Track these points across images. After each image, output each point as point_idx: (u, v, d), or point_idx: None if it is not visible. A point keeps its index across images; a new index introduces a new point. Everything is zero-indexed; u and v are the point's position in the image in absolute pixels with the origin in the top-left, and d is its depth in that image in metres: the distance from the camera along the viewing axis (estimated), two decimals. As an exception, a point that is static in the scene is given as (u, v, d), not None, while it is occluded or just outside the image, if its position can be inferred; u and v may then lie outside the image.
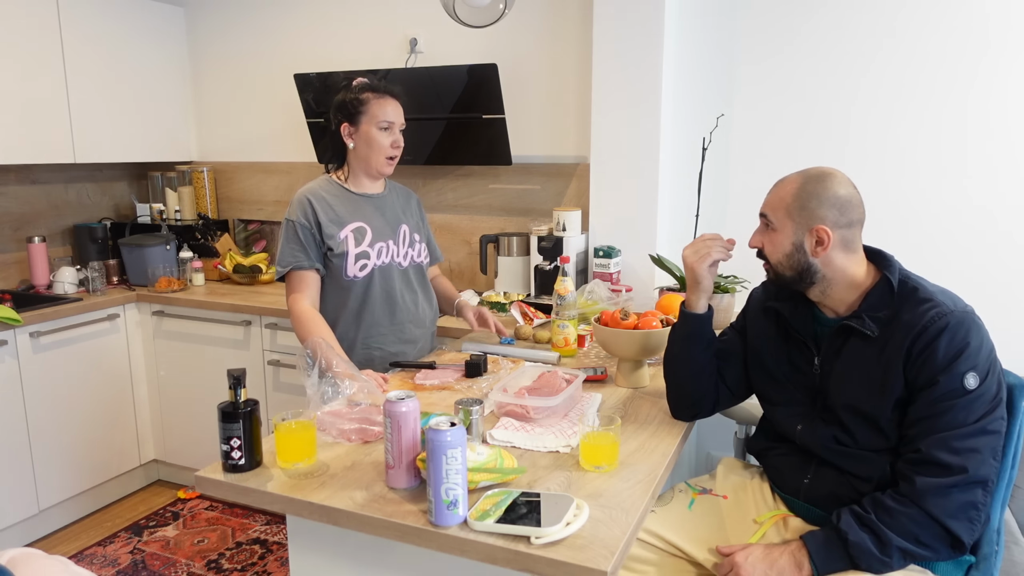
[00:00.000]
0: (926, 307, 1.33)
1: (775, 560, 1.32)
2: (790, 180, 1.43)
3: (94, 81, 3.13)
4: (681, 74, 2.63)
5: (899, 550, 1.26)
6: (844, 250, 1.40)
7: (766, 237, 1.46)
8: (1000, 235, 2.33)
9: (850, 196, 1.40)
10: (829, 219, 1.38)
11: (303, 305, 1.95)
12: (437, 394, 1.77)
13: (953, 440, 1.27)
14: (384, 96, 1.99)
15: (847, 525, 1.29)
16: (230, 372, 1.33)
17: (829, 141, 2.50)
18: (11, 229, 3.22)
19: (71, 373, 2.91)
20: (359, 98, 1.97)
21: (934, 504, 1.26)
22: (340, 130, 2.00)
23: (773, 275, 1.48)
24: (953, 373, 1.28)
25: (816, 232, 1.38)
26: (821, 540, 1.31)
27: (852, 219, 1.40)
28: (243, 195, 3.62)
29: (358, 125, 1.98)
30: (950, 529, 1.26)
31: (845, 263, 1.41)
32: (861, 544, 1.27)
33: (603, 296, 2.31)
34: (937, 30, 2.31)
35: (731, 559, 1.36)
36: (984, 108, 2.29)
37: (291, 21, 3.33)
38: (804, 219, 1.39)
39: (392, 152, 2.01)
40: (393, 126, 2.00)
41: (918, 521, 1.26)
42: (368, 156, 2.00)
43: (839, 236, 1.39)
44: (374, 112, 1.97)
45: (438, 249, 2.33)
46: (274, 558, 2.68)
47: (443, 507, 1.15)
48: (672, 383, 1.63)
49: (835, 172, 1.42)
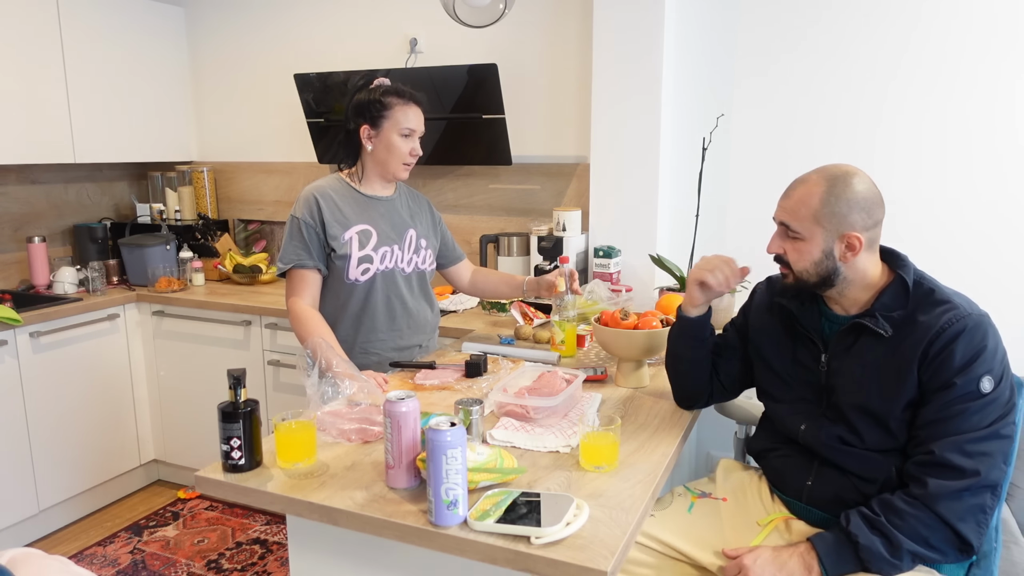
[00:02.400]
0: (943, 309, 1.32)
1: (784, 562, 1.31)
2: (812, 183, 1.38)
3: (94, 81, 3.13)
4: (681, 74, 2.63)
5: (909, 553, 1.26)
6: (868, 251, 1.38)
7: (789, 245, 1.42)
8: (1007, 234, 2.33)
9: (874, 195, 1.37)
10: (859, 223, 1.35)
11: (303, 305, 1.94)
12: (437, 394, 1.77)
13: (966, 443, 1.26)
14: (410, 103, 1.96)
15: (857, 528, 1.28)
16: (230, 372, 1.33)
17: (829, 141, 2.50)
18: (11, 229, 3.22)
19: (71, 373, 2.91)
20: (383, 101, 1.93)
21: (945, 507, 1.25)
22: (359, 131, 1.96)
23: (793, 280, 1.44)
24: (969, 376, 1.28)
25: (847, 239, 1.35)
26: (831, 543, 1.30)
27: (877, 218, 1.37)
28: (243, 195, 3.62)
29: (379, 129, 1.94)
30: (960, 532, 1.25)
31: (866, 264, 1.39)
32: (872, 547, 1.26)
33: (603, 296, 2.31)
34: (940, 29, 2.31)
35: (739, 561, 1.35)
36: (988, 105, 2.29)
37: (291, 21, 3.32)
38: (834, 225, 1.35)
39: (409, 159, 1.98)
40: (414, 133, 1.97)
41: (928, 524, 1.26)
42: (386, 161, 1.97)
43: (867, 238, 1.36)
44: (398, 118, 1.93)
45: (458, 247, 2.27)
46: (274, 558, 2.68)
47: (443, 507, 1.14)
48: (670, 375, 1.72)
49: (855, 169, 1.38)
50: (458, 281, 2.28)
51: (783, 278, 1.48)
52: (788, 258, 1.43)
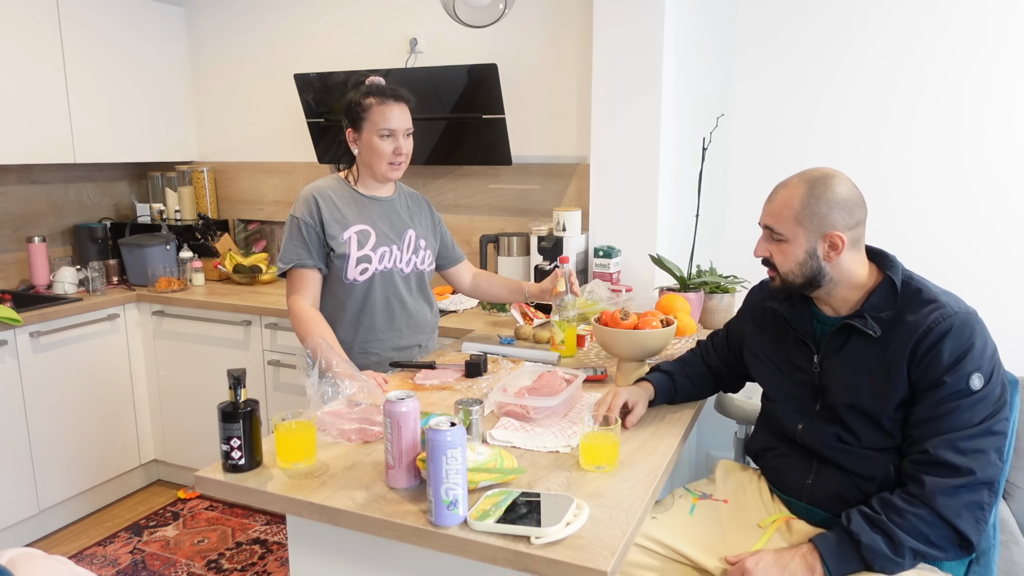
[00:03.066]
0: (930, 308, 1.34)
1: (787, 564, 1.31)
2: (792, 186, 1.41)
3: (94, 81, 3.13)
4: (681, 74, 2.63)
5: (911, 550, 1.26)
6: (852, 251, 1.40)
7: (774, 247, 1.45)
8: (1000, 233, 2.33)
9: (853, 195, 1.40)
10: (840, 223, 1.38)
11: (303, 304, 1.94)
12: (437, 394, 1.77)
13: (959, 441, 1.28)
14: (387, 102, 1.92)
15: (858, 527, 1.29)
16: (230, 372, 1.33)
17: (829, 141, 2.50)
18: (11, 229, 3.22)
19: (71, 373, 2.91)
20: (362, 103, 1.92)
21: (943, 504, 1.26)
22: (346, 134, 1.97)
23: (780, 282, 1.46)
24: (959, 374, 1.29)
25: (829, 238, 1.38)
26: (833, 542, 1.31)
27: (859, 218, 1.40)
28: (243, 195, 3.62)
29: (360, 132, 1.94)
30: (959, 529, 1.26)
31: (852, 264, 1.41)
32: (874, 546, 1.26)
33: (603, 296, 2.30)
34: (940, 29, 2.31)
35: (741, 565, 1.35)
36: (986, 106, 2.29)
37: (291, 21, 3.33)
38: (816, 225, 1.38)
39: (395, 159, 1.95)
40: (396, 133, 1.93)
41: (928, 521, 1.26)
42: (371, 163, 1.96)
43: (849, 238, 1.39)
44: (375, 119, 1.92)
45: (457, 248, 2.26)
46: (274, 558, 2.68)
47: (443, 507, 1.14)
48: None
49: (834, 172, 1.41)
50: (458, 282, 2.28)
51: (771, 281, 1.50)
52: (774, 260, 1.46)
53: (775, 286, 1.50)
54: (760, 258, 1.49)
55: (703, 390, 1.76)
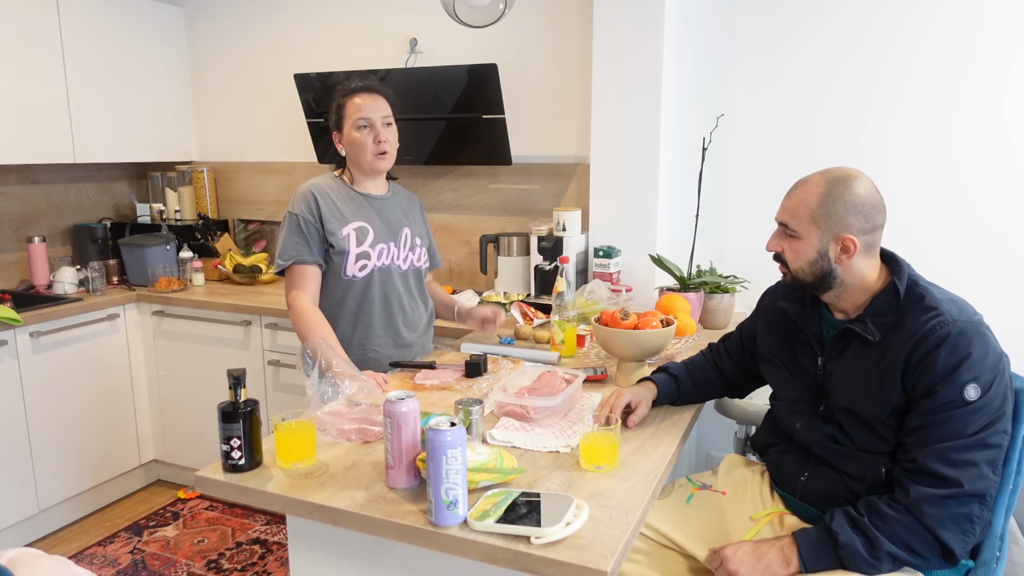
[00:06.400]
0: (929, 316, 1.32)
1: (763, 554, 1.34)
2: (812, 184, 1.40)
3: (94, 81, 3.13)
4: (681, 74, 2.63)
5: (888, 555, 1.27)
6: (866, 255, 1.39)
7: (787, 243, 1.44)
8: (1007, 235, 2.33)
9: (875, 200, 1.37)
10: (855, 226, 1.36)
11: (304, 302, 1.93)
12: (437, 394, 1.77)
13: (950, 452, 1.27)
14: (358, 94, 1.93)
15: (839, 526, 1.30)
16: (230, 372, 1.33)
17: (832, 140, 2.50)
18: (11, 229, 3.22)
19: (71, 373, 2.91)
20: (339, 103, 1.96)
21: (928, 514, 1.26)
22: (333, 138, 2.01)
23: (791, 279, 1.46)
24: (953, 384, 1.27)
25: (842, 240, 1.37)
26: (812, 538, 1.32)
27: (876, 223, 1.38)
28: (243, 195, 3.62)
29: (342, 130, 1.97)
30: (942, 539, 1.25)
31: (864, 268, 1.40)
32: (851, 545, 1.27)
33: (603, 296, 2.31)
34: (940, 29, 2.31)
35: (720, 552, 1.37)
36: (986, 106, 2.29)
37: (291, 21, 3.33)
38: (830, 227, 1.37)
39: (377, 149, 1.94)
40: (373, 122, 1.93)
41: (910, 529, 1.26)
42: (357, 158, 1.98)
43: (863, 242, 1.37)
44: (350, 113, 1.94)
45: (438, 255, 2.29)
46: (274, 558, 2.68)
47: (443, 507, 1.15)
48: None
49: (858, 173, 1.39)
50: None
51: (783, 277, 1.50)
52: (785, 256, 1.45)
53: (786, 281, 1.50)
54: (772, 253, 1.48)
55: (708, 393, 1.75)
